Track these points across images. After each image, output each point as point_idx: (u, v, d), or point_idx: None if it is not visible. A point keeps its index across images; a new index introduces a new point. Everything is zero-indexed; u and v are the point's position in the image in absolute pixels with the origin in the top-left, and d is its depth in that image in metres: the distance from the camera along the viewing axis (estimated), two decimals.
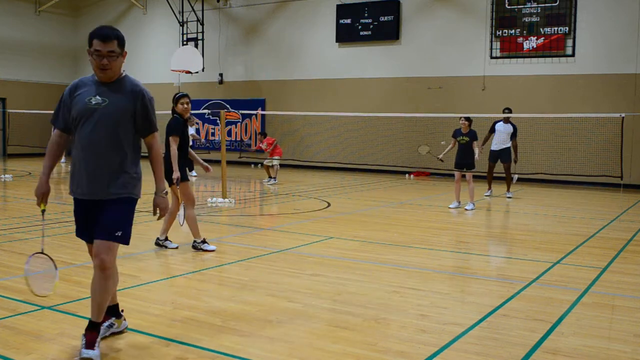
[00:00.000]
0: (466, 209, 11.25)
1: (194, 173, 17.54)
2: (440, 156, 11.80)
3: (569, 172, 16.22)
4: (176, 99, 7.22)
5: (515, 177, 13.81)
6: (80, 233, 4.01)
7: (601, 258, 7.17)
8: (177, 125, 7.04)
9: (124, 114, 3.81)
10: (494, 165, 13.45)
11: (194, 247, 7.21)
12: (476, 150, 11.22)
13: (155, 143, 4.00)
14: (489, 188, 13.59)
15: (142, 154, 4.04)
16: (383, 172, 19.14)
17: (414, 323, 4.65)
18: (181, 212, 7.20)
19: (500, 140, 13.26)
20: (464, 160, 11.29)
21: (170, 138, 6.96)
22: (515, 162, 13.41)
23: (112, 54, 3.73)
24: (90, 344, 3.74)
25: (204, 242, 7.21)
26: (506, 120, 13.28)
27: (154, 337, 4.21)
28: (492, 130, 13.45)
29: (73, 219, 4.00)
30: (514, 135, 13.25)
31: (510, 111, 13.33)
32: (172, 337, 4.21)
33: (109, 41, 3.73)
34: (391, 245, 7.76)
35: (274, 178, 15.73)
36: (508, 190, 13.48)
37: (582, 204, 12.82)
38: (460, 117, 11.44)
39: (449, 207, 11.43)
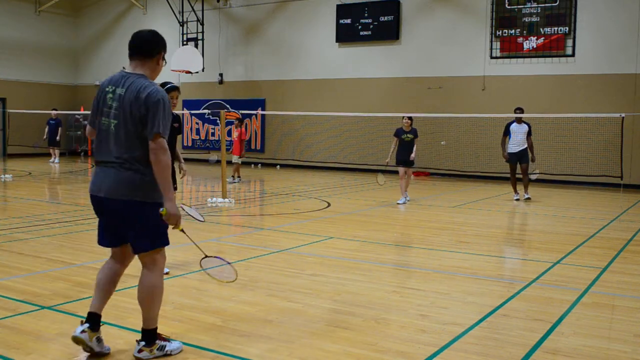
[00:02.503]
0: (398, 203, 11.96)
1: None
2: (387, 160, 12.13)
3: (569, 172, 16.22)
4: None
5: (535, 174, 13.28)
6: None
7: (601, 258, 7.17)
8: None
9: None
10: (515, 166, 12.98)
11: None
12: (414, 150, 11.90)
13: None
14: (516, 192, 13.12)
15: None
16: (383, 172, 19.09)
17: (414, 323, 4.65)
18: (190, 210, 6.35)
19: (518, 141, 12.81)
20: (406, 157, 11.89)
21: None
22: (533, 161, 12.99)
23: None
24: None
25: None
26: (519, 121, 12.87)
27: None
28: (507, 132, 12.96)
29: (72, 219, 3.99)
30: (529, 134, 12.85)
31: (522, 111, 12.95)
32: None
33: None
34: (391, 245, 7.76)
35: (239, 177, 15.68)
36: (526, 191, 13.04)
37: (582, 204, 12.82)
38: (404, 117, 12.04)
39: (397, 203, 11.99)
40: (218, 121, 21.70)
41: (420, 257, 7.25)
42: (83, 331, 3.80)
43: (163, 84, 5.96)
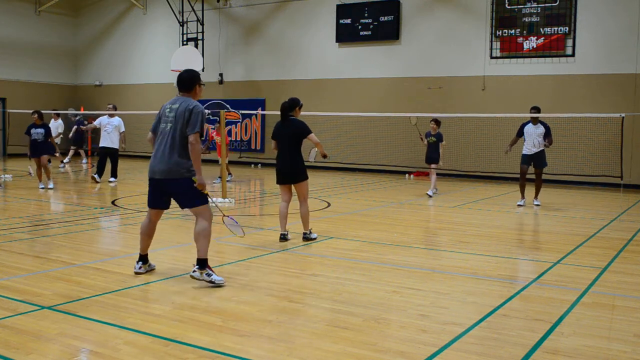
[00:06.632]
0: (427, 194, 13.35)
1: (112, 179, 15.01)
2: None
3: (569, 172, 16.22)
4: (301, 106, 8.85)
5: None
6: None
7: (601, 258, 7.16)
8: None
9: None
10: (527, 168, 11.89)
11: (304, 238, 7.95)
12: (441, 151, 13.45)
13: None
14: (522, 197, 12.08)
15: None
16: (383, 172, 19.14)
17: (414, 323, 4.65)
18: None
19: (534, 144, 11.70)
20: (432, 155, 13.44)
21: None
22: (548, 144, 11.74)
23: None
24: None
25: (310, 232, 8.01)
26: (535, 121, 11.72)
27: (154, 337, 4.20)
28: (520, 133, 11.94)
29: (72, 219, 4.00)
30: (547, 136, 11.66)
31: (537, 110, 11.80)
32: (172, 337, 4.21)
33: None
34: (391, 245, 7.76)
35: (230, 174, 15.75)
36: (536, 197, 12.20)
37: (582, 204, 12.81)
38: (431, 120, 13.55)
39: (427, 194, 13.38)
40: (218, 121, 21.69)
41: (420, 257, 7.25)
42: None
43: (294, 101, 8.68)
